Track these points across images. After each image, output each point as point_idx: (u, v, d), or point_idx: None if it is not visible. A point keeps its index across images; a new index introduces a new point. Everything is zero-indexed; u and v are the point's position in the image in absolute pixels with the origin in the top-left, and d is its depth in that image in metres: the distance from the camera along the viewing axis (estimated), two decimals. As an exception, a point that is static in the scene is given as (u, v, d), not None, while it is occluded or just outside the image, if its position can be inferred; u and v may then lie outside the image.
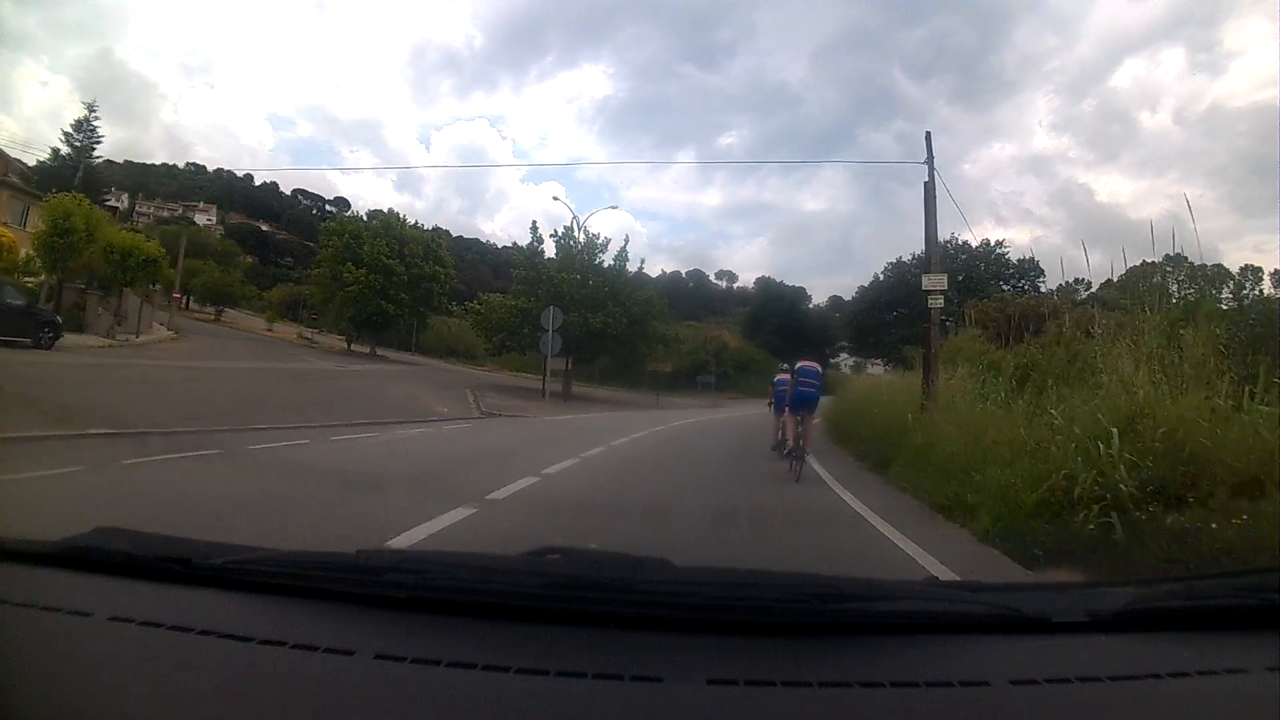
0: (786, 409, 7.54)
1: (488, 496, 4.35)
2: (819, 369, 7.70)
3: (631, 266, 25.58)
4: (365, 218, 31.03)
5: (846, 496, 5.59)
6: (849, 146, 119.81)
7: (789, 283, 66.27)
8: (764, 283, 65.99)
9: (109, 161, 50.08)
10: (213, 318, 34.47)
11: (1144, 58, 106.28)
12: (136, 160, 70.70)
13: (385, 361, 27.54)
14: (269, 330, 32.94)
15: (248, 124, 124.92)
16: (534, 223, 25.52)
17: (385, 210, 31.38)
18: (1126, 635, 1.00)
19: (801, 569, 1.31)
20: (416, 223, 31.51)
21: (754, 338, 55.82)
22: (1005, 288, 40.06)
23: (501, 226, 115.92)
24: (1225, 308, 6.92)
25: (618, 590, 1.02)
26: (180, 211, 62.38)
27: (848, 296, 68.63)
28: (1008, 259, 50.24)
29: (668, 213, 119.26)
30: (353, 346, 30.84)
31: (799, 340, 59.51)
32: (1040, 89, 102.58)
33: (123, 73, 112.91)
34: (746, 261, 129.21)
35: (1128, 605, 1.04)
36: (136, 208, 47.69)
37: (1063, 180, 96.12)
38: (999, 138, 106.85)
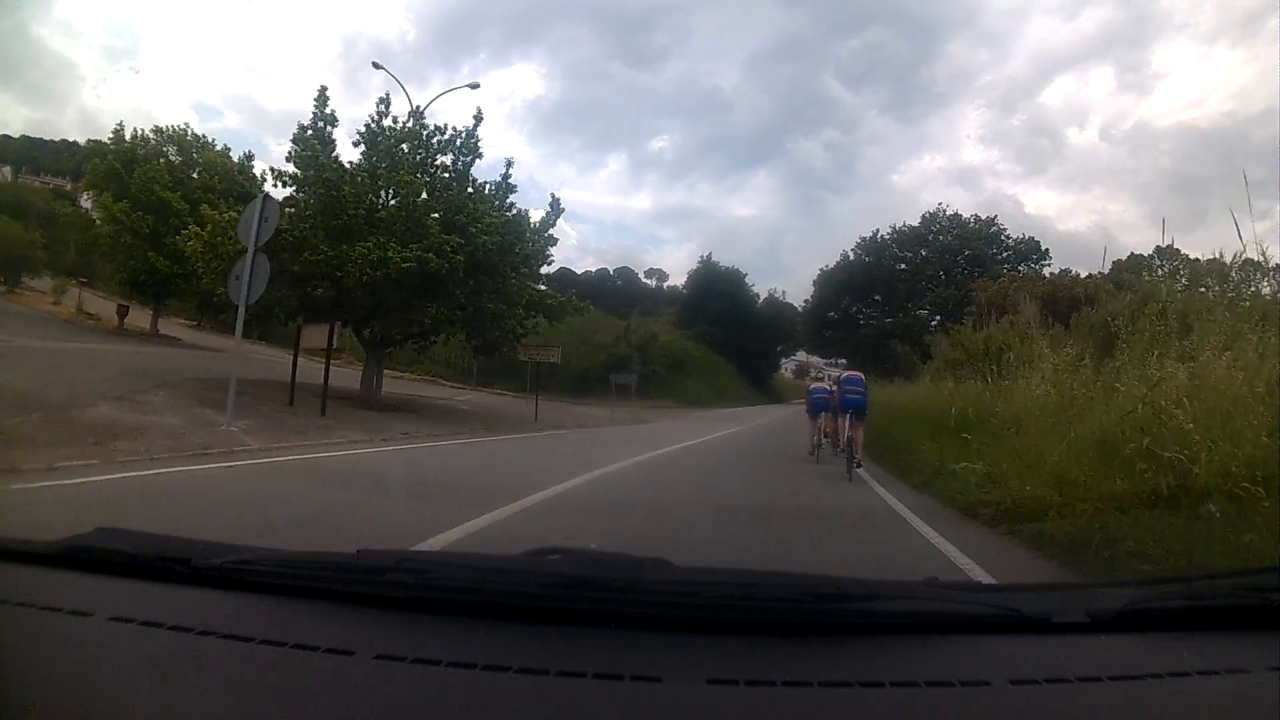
0: (833, 413, 10.22)
1: None
2: (862, 377, 9.85)
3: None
4: (151, 136, 23.89)
5: None
6: (779, 154, 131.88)
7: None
8: (704, 265, 55.55)
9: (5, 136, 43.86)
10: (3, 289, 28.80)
11: (1074, 75, 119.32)
12: (34, 136, 67.33)
13: (157, 342, 20.77)
14: (54, 304, 27.00)
15: (173, 111, 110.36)
16: (322, 89, 14.48)
17: (180, 126, 24.27)
18: (1126, 635, 1.11)
19: None
20: (226, 147, 24.72)
21: (691, 328, 47.06)
22: (1006, 269, 35.69)
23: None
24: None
25: (618, 590, 1.13)
26: (69, 187, 57.92)
27: (783, 298, 60.50)
28: (1006, 237, 43.83)
29: (597, 216, 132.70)
30: (126, 322, 24.21)
31: (746, 333, 49.42)
32: (972, 103, 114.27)
33: (38, 51, 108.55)
34: (676, 266, 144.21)
35: (1128, 605, 1.15)
36: (20, 182, 39.35)
37: (991, 192, 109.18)
38: (929, 149, 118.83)
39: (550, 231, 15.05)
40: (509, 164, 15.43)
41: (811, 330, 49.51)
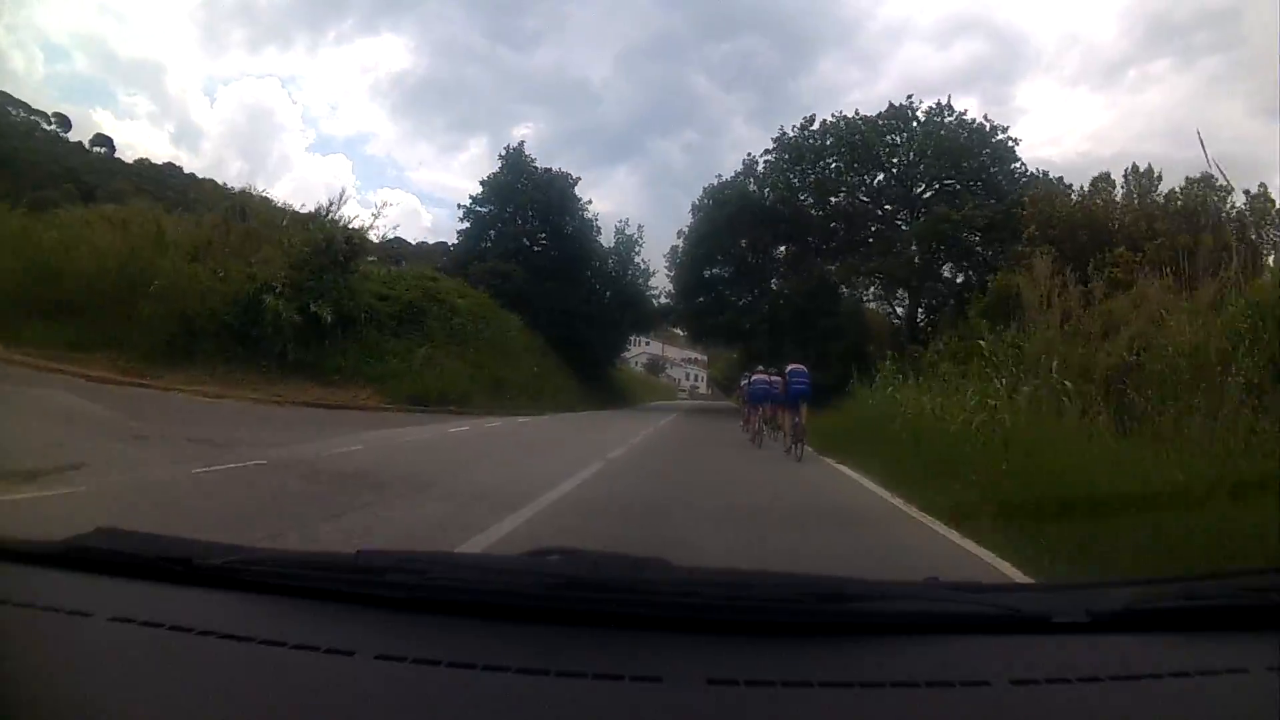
0: (775, 402, 11.58)
1: None
2: (805, 370, 10.84)
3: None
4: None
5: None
6: (641, 153, 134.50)
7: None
8: (509, 159, 32.15)
9: None
10: None
11: (939, 101, 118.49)
12: None
13: None
14: None
15: (13, 48, 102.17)
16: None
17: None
18: (1126, 635, 1.12)
19: None
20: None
21: (474, 265, 28.51)
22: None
23: (282, 195, 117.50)
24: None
25: (618, 590, 1.15)
26: None
27: (639, 235, 34.32)
28: (1015, 160, 28.19)
29: (455, 200, 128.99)
30: None
31: (575, 284, 29.18)
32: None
33: None
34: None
35: (1128, 605, 1.17)
36: None
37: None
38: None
39: None
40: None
41: (682, 293, 30.59)
